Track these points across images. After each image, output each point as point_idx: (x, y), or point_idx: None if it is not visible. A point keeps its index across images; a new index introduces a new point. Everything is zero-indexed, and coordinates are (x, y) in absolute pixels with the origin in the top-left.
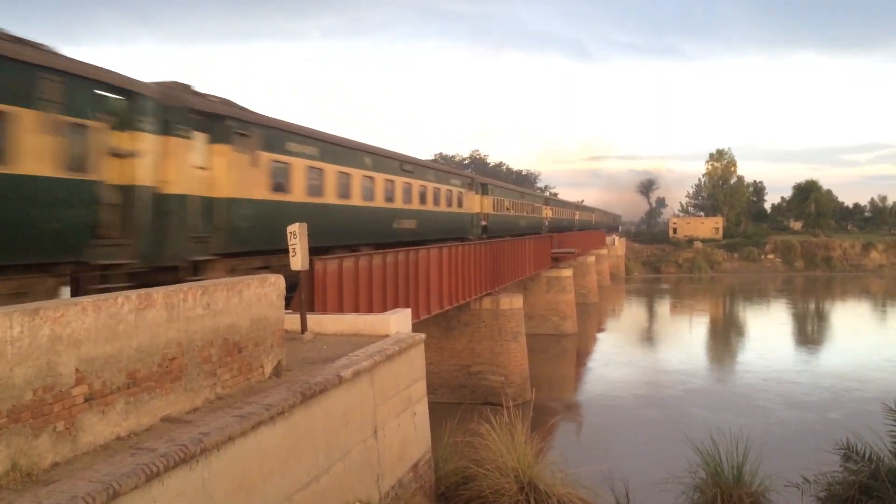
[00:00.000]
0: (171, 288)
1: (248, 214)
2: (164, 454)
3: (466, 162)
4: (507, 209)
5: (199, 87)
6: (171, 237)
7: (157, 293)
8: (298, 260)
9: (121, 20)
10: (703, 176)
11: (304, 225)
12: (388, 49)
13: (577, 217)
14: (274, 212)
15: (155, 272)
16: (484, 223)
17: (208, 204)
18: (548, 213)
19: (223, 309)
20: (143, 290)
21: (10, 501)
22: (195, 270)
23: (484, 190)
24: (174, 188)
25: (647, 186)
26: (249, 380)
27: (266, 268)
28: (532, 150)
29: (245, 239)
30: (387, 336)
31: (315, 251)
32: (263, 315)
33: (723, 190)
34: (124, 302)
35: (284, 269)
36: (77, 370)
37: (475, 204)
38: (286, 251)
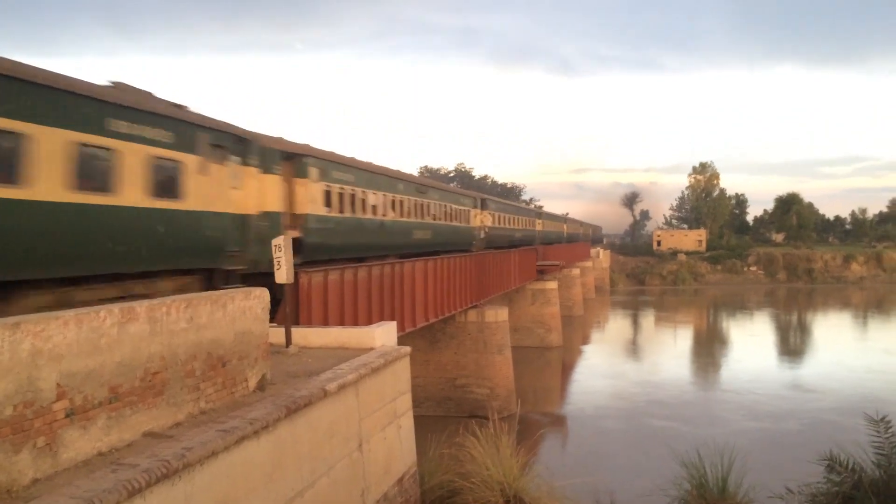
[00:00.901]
0: (154, 301)
1: (317, 228)
2: (146, 470)
3: (451, 175)
4: (505, 223)
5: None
6: (266, 249)
7: (140, 307)
8: (283, 273)
9: (102, 32)
10: (687, 189)
11: (290, 238)
12: (373, 62)
13: (565, 229)
14: (336, 225)
15: (257, 275)
16: (482, 235)
17: (290, 219)
18: (539, 225)
19: (207, 323)
20: (125, 304)
21: None
22: None
23: (483, 205)
24: (270, 209)
25: (631, 199)
26: (233, 394)
27: (348, 260)
28: (517, 163)
29: (317, 247)
30: (372, 349)
31: (355, 259)
32: (248, 328)
33: (706, 203)
34: (106, 316)
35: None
36: (58, 385)
37: (477, 218)
38: (351, 258)
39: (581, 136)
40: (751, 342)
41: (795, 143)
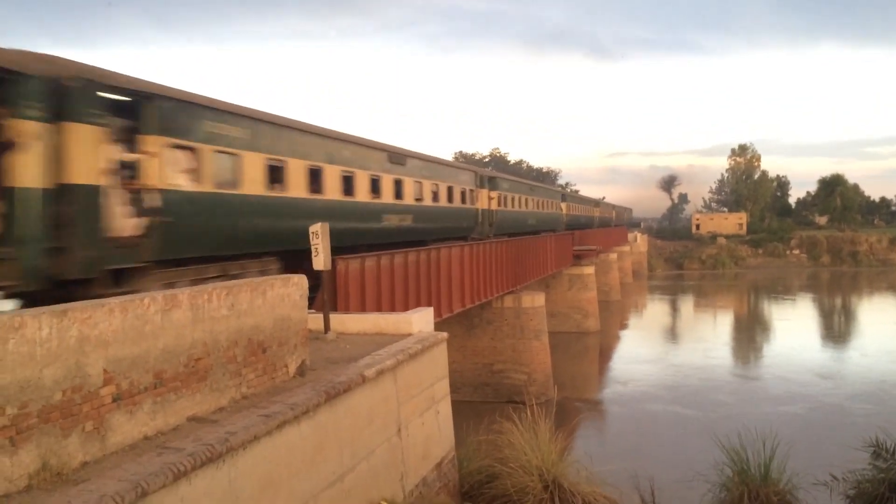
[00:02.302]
0: (196, 289)
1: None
2: (191, 453)
3: (487, 160)
4: (518, 205)
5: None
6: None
7: (183, 294)
8: (321, 260)
9: (137, 23)
10: (726, 171)
11: (326, 225)
12: (407, 49)
13: (597, 214)
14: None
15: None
16: (488, 221)
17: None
18: (565, 209)
19: (247, 309)
20: (168, 291)
21: (41, 501)
22: None
23: (491, 184)
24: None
25: (668, 182)
26: (274, 379)
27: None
28: (553, 148)
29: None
30: (409, 335)
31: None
32: (287, 315)
33: (746, 185)
34: (150, 303)
35: None
36: (105, 371)
37: (481, 199)
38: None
39: (617, 120)
40: (792, 327)
41: (839, 123)
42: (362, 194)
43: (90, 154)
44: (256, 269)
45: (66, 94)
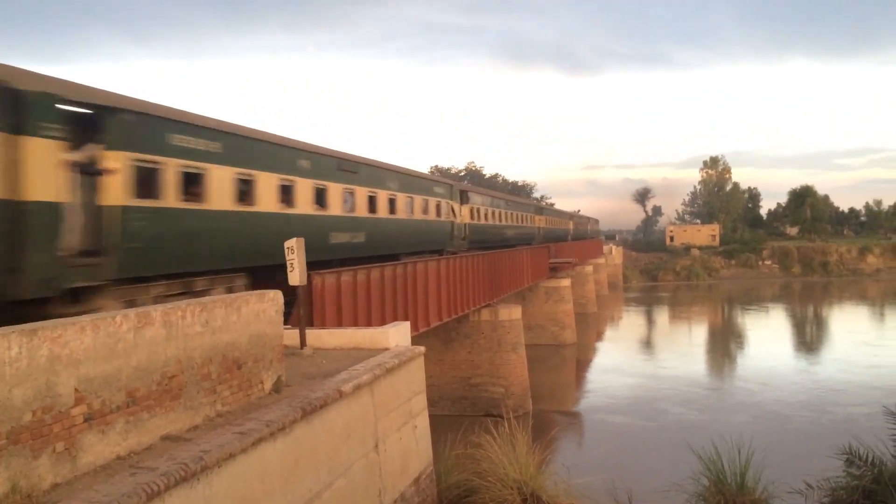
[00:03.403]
0: (169, 305)
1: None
2: (164, 473)
3: (462, 174)
4: (493, 219)
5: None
6: None
7: (156, 311)
8: (297, 275)
9: (114, 38)
10: (699, 183)
11: (302, 240)
12: (384, 63)
13: (571, 226)
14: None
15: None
16: (462, 235)
17: None
18: (541, 222)
19: (222, 326)
20: (141, 309)
21: None
22: None
23: (463, 198)
24: None
25: (643, 195)
26: (249, 396)
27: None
28: (528, 162)
29: None
30: (386, 349)
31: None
32: (262, 331)
33: (718, 197)
34: (123, 321)
35: None
36: (76, 390)
37: (453, 213)
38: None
39: (592, 133)
40: (765, 337)
41: (808, 135)
42: (335, 207)
43: (47, 169)
44: (223, 285)
45: (22, 105)
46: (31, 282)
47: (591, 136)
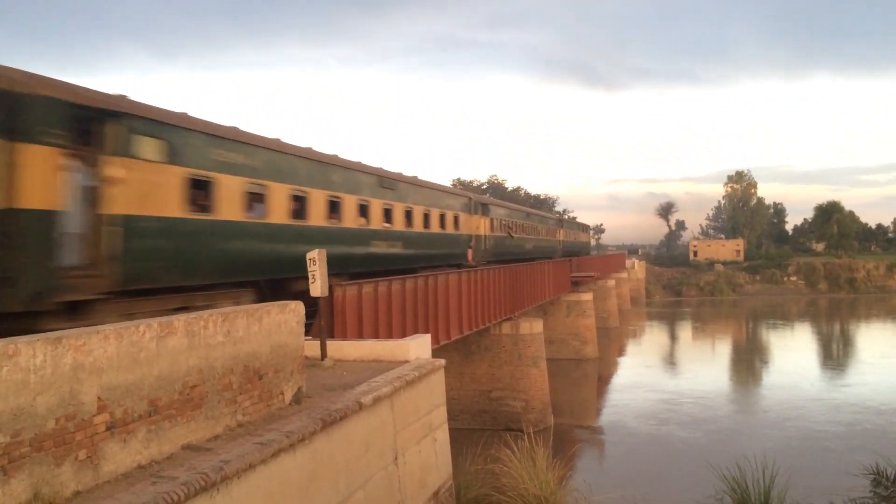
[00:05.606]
0: (191, 315)
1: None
2: (184, 482)
3: (485, 187)
4: (514, 232)
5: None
6: None
7: (178, 321)
8: (318, 286)
9: (139, 52)
10: (723, 198)
11: (324, 251)
12: (406, 78)
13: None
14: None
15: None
16: (482, 247)
17: None
18: (562, 235)
19: (244, 336)
20: (164, 318)
21: None
22: None
23: (484, 210)
24: None
25: (666, 209)
26: (270, 407)
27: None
28: (550, 175)
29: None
30: (406, 362)
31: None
32: (283, 342)
33: (743, 212)
34: (146, 330)
35: None
36: (99, 398)
37: (474, 226)
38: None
39: (615, 147)
40: (790, 354)
41: (834, 151)
42: (350, 220)
43: (44, 176)
44: (227, 300)
45: (19, 109)
46: (23, 294)
47: (614, 150)
